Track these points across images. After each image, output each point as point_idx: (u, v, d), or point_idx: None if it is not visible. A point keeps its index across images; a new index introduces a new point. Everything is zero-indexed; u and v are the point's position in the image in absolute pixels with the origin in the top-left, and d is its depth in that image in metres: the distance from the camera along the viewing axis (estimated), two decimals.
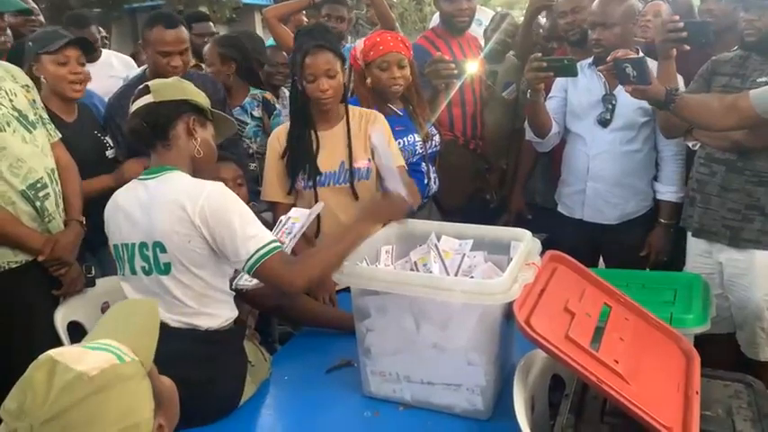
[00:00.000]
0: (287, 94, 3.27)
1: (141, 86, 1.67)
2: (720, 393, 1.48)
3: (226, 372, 1.62)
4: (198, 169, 1.66)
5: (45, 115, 2.10)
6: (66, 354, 0.82)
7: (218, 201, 1.52)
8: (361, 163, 2.18)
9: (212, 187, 1.55)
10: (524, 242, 1.69)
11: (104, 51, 3.38)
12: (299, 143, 2.15)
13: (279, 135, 2.21)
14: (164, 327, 1.55)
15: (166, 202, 1.54)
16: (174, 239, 1.53)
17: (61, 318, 1.98)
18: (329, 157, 2.17)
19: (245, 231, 1.51)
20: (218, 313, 1.62)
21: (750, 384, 1.50)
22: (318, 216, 2.12)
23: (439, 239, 1.78)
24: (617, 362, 1.38)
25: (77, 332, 1.97)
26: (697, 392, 1.41)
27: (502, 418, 1.55)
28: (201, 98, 1.70)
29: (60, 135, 2.14)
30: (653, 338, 1.60)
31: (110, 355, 0.84)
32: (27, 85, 2.06)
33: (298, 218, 1.93)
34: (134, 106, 1.65)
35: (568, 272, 1.67)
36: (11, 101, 1.96)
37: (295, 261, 1.59)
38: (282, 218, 1.96)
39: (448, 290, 1.47)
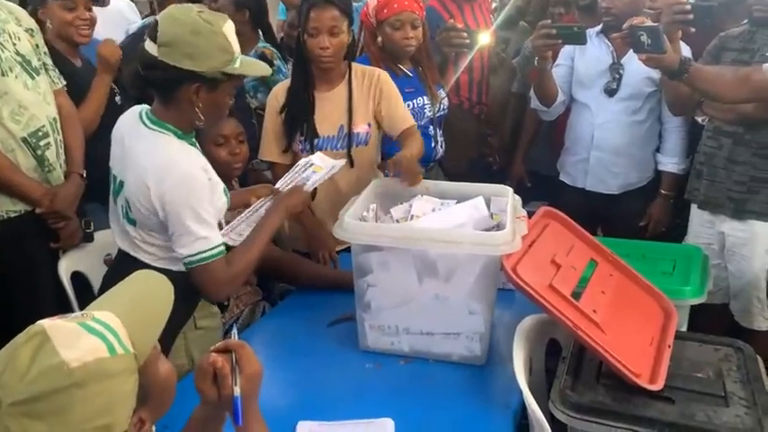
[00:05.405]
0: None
1: (152, 25, 1.46)
2: (711, 357, 1.52)
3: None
4: (199, 129, 1.60)
5: (49, 61, 2.05)
6: (60, 330, 0.78)
7: (179, 193, 1.45)
8: (361, 128, 2.14)
9: (179, 176, 1.45)
10: (509, 197, 1.73)
11: None
12: (297, 102, 2.11)
13: (277, 93, 2.17)
14: (127, 256, 1.59)
15: (138, 169, 1.48)
16: (136, 205, 1.51)
17: (65, 269, 2.00)
18: (328, 121, 2.13)
19: (196, 231, 1.46)
20: (179, 266, 1.57)
21: (740, 348, 1.54)
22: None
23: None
24: (595, 312, 1.46)
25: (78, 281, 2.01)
26: (669, 346, 1.48)
27: (495, 364, 1.63)
28: (216, 62, 1.44)
29: (65, 82, 2.10)
30: (634, 295, 1.66)
31: (101, 345, 0.79)
32: (31, 29, 2.01)
33: (320, 167, 1.84)
34: (141, 48, 1.47)
35: (560, 228, 1.73)
36: (14, 44, 1.91)
37: (227, 271, 1.53)
38: (302, 161, 1.88)
39: (455, 242, 1.52)
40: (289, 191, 1.75)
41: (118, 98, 2.38)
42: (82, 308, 0.93)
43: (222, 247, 1.52)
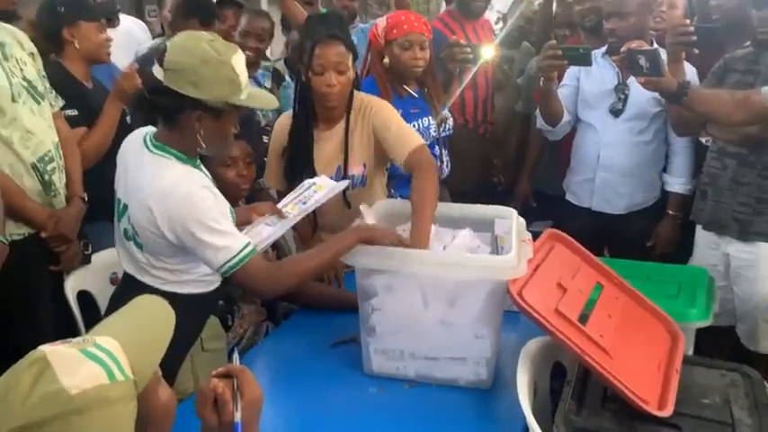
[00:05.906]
0: None
1: (161, 48, 1.48)
2: (718, 382, 1.50)
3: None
4: (203, 154, 1.60)
5: (47, 84, 2.07)
6: (60, 357, 0.79)
7: (184, 212, 1.45)
8: (356, 170, 2.09)
9: (181, 195, 1.45)
10: (513, 219, 1.72)
11: (121, 18, 3.24)
12: (298, 143, 2.09)
13: (284, 125, 2.15)
14: (133, 279, 1.59)
15: (141, 194, 1.49)
16: (143, 232, 1.51)
17: (71, 288, 2.00)
18: (326, 162, 2.10)
19: (213, 243, 1.46)
20: (186, 289, 1.60)
21: (747, 374, 1.52)
22: (315, 218, 2.09)
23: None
24: (602, 336, 1.44)
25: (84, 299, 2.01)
26: (677, 371, 1.46)
27: (501, 387, 1.62)
28: (221, 92, 1.45)
29: (62, 103, 2.11)
30: (641, 318, 1.64)
31: (101, 372, 0.79)
32: (33, 53, 2.02)
33: (321, 186, 1.85)
34: (148, 73, 1.51)
35: (565, 250, 1.72)
36: (21, 70, 1.93)
37: (271, 267, 1.56)
38: (307, 182, 1.89)
39: (461, 266, 1.51)
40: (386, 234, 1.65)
41: (128, 118, 2.40)
42: (87, 326, 0.93)
43: (249, 248, 1.49)
